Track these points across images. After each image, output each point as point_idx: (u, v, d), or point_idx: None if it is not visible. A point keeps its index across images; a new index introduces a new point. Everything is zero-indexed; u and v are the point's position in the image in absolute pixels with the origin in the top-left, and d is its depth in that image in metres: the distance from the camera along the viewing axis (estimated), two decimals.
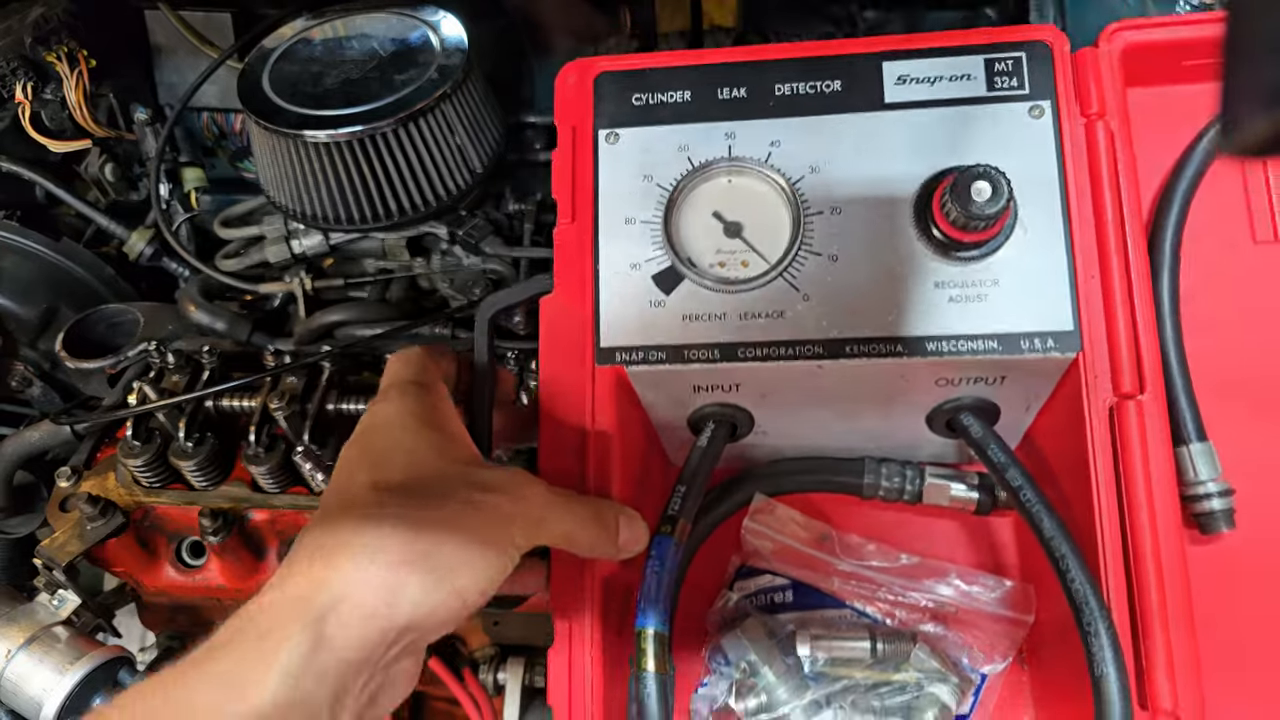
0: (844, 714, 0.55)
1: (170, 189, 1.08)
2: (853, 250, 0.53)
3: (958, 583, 0.58)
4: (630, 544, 0.54)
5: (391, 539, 0.45)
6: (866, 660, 0.56)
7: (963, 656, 0.58)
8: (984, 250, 0.52)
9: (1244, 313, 0.56)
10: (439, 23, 0.94)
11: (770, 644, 0.57)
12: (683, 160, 0.56)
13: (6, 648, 0.85)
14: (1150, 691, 0.47)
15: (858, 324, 0.52)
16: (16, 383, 1.10)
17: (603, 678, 0.53)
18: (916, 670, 0.56)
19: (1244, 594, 0.51)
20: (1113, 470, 0.50)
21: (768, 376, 0.54)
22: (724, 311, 0.54)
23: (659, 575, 0.51)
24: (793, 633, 0.58)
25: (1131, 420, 0.49)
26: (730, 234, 0.55)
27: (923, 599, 0.58)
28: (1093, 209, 0.52)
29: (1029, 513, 0.50)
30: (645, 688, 0.48)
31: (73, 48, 1.06)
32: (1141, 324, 0.51)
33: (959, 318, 0.51)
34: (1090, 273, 0.52)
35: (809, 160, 0.54)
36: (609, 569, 0.56)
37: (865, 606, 0.59)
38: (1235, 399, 0.54)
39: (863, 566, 0.59)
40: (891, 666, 0.56)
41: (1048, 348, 0.50)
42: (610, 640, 0.55)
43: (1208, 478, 0.52)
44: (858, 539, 0.60)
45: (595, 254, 0.57)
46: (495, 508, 0.48)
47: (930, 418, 0.57)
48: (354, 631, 0.44)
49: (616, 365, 0.55)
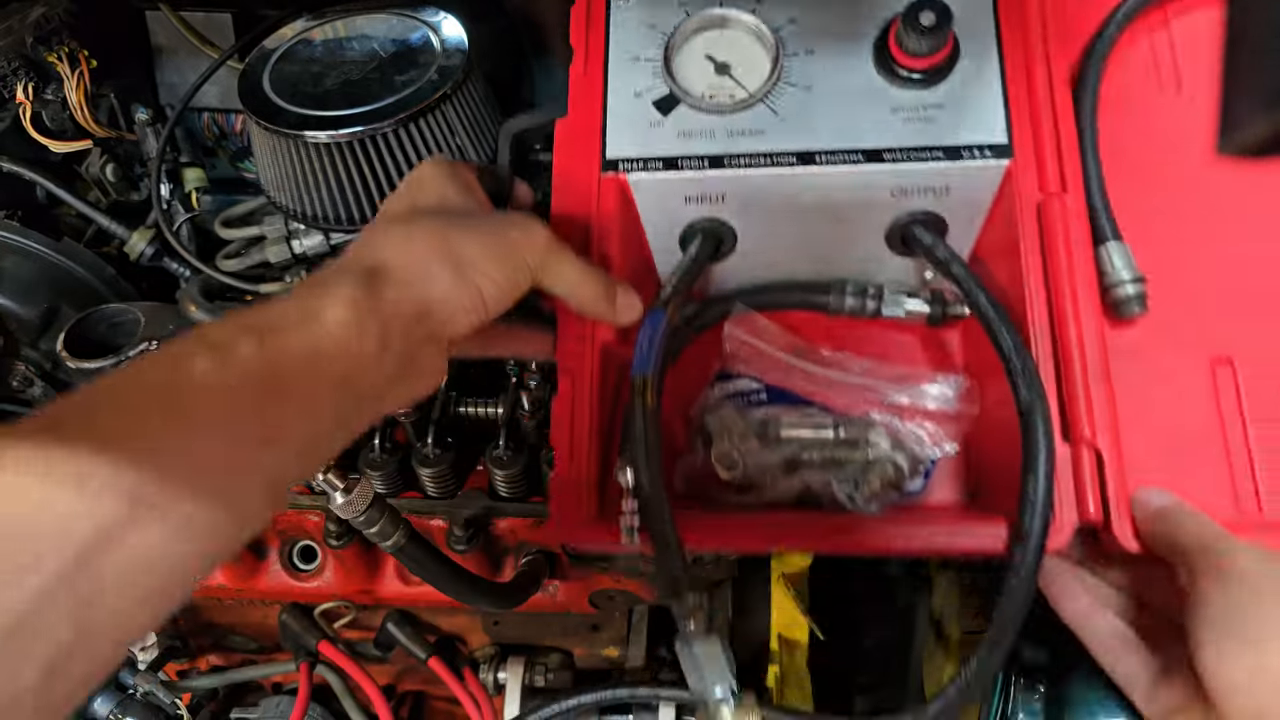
0: (808, 473, 0.64)
1: (171, 189, 1.08)
2: (823, 83, 0.65)
3: (912, 381, 0.67)
4: (626, 310, 0.62)
5: (423, 237, 0.55)
6: (830, 441, 0.66)
7: (914, 444, 0.66)
8: (931, 78, 0.63)
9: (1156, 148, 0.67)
10: (439, 24, 0.94)
11: (745, 423, 0.66)
12: (681, 14, 0.68)
13: None
14: (1072, 425, 0.56)
15: (826, 139, 0.63)
16: (17, 383, 1.10)
17: (598, 425, 0.61)
18: (873, 451, 0.65)
19: (1154, 366, 0.61)
20: (1039, 257, 0.60)
21: (749, 185, 0.64)
22: (712, 130, 0.65)
23: (651, 337, 0.60)
24: (765, 420, 0.67)
25: (1055, 213, 0.60)
26: (720, 72, 0.67)
27: (881, 396, 0.67)
28: (1024, 42, 0.64)
29: (968, 293, 0.60)
30: (639, 422, 0.56)
31: (73, 48, 1.06)
32: (1064, 140, 0.61)
33: (910, 135, 0.62)
34: (1021, 95, 0.63)
35: (789, 14, 0.67)
36: (607, 336, 0.64)
37: (830, 405, 0.69)
38: (1145, 209, 0.65)
39: (828, 369, 0.68)
40: (851, 447, 0.65)
41: (984, 156, 0.61)
42: (605, 400, 0.63)
43: (1122, 268, 0.61)
44: (825, 348, 0.69)
45: (605, 86, 0.67)
46: (509, 233, 0.58)
47: (888, 235, 0.66)
48: (393, 293, 0.52)
49: (620, 174, 0.65)
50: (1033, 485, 0.54)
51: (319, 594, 0.95)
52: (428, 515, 0.91)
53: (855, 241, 0.67)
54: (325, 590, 0.94)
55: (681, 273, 0.65)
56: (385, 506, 0.70)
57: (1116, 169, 0.64)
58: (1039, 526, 0.53)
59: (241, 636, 1.05)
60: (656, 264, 0.72)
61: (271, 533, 0.94)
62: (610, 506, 0.59)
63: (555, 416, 0.61)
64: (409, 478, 0.89)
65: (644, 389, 0.57)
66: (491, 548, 0.93)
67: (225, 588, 0.95)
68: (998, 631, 0.54)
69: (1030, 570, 0.53)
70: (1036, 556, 0.53)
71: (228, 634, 1.05)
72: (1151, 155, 0.66)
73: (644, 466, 0.56)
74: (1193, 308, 0.62)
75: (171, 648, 1.00)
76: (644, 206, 0.67)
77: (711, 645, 0.59)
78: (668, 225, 0.68)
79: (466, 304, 0.55)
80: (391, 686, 1.07)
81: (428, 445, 0.86)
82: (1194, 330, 0.62)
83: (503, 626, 1.01)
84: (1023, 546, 0.53)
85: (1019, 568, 0.53)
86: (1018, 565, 0.53)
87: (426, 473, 0.86)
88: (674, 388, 0.70)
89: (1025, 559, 0.53)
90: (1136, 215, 0.64)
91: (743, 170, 0.63)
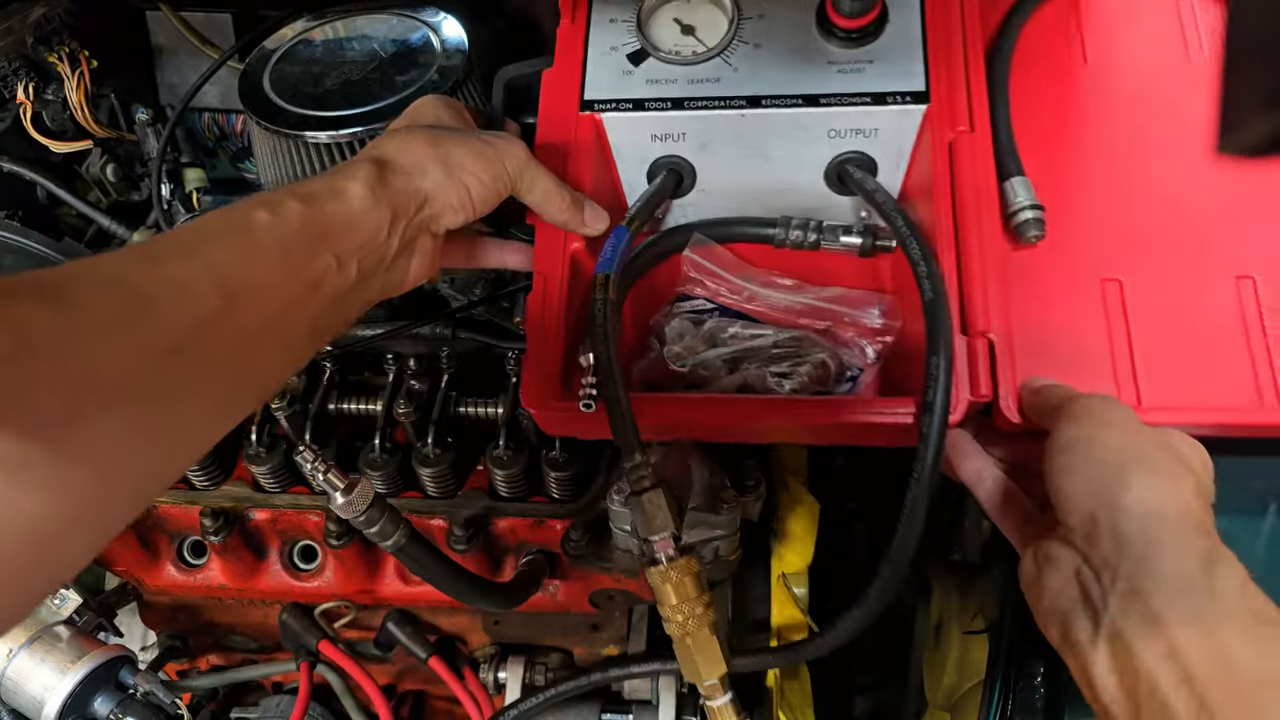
0: (748, 371, 0.73)
1: (172, 189, 1.08)
2: (772, 41, 0.75)
3: (845, 301, 0.76)
4: (594, 221, 0.72)
5: (419, 141, 0.64)
6: (768, 347, 0.75)
7: (843, 351, 0.74)
8: (863, 37, 0.74)
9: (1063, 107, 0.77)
10: (439, 24, 0.95)
11: (696, 330, 0.75)
12: None
13: (8, 647, 0.85)
14: (970, 320, 0.64)
15: (772, 87, 0.74)
16: None
17: (565, 320, 0.70)
18: (805, 354, 0.73)
19: (1050, 284, 0.70)
20: (948, 185, 0.69)
21: (706, 124, 0.74)
22: (675, 78, 0.75)
23: (615, 245, 0.69)
24: (713, 329, 0.75)
25: (964, 148, 0.70)
26: (685, 33, 0.78)
27: (817, 313, 0.76)
28: (944, 9, 0.74)
29: (886, 214, 0.69)
30: (598, 308, 0.65)
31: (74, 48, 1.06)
32: (974, 90, 0.72)
33: (843, 84, 0.73)
34: (940, 53, 0.73)
35: None
36: (578, 245, 0.72)
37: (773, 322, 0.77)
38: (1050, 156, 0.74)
39: (772, 291, 0.77)
40: (787, 350, 0.74)
41: (905, 101, 0.72)
42: (573, 302, 0.71)
43: (1023, 198, 0.70)
44: (771, 272, 0.78)
45: (585, 42, 0.78)
46: (494, 143, 0.67)
47: (827, 174, 0.76)
48: (397, 182, 0.61)
49: (595, 113, 0.75)
50: (935, 364, 0.61)
51: (319, 594, 0.95)
52: (428, 515, 0.91)
53: (800, 180, 0.77)
54: (325, 590, 0.95)
55: (646, 198, 0.74)
56: (385, 506, 0.70)
57: (1027, 123, 0.75)
58: (943, 398, 0.60)
59: (242, 636, 1.05)
60: (626, 198, 0.80)
61: (272, 532, 0.95)
62: (574, 389, 0.67)
63: (529, 309, 0.70)
64: (409, 477, 0.89)
65: (605, 283, 0.66)
66: (492, 547, 0.93)
67: (226, 587, 0.95)
68: (915, 493, 0.60)
69: (938, 436, 0.60)
70: (942, 422, 0.60)
71: (228, 634, 1.05)
72: (1059, 113, 0.77)
73: (601, 344, 0.64)
74: (1088, 237, 0.71)
75: (172, 647, 1.00)
76: (615, 141, 0.77)
77: (656, 497, 0.63)
78: (636, 160, 0.78)
79: (454, 201, 0.64)
80: (392, 686, 1.07)
81: (428, 445, 0.86)
82: (1088, 255, 0.71)
83: (503, 626, 1.01)
84: (929, 416, 0.60)
85: (928, 436, 0.60)
86: (926, 433, 0.60)
87: (427, 472, 0.86)
88: (636, 308, 0.78)
89: (932, 426, 0.60)
90: (1043, 162, 0.73)
91: (700, 111, 0.74)
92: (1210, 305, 0.68)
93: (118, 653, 0.89)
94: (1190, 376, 0.66)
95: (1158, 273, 0.69)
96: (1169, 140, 0.74)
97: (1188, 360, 0.66)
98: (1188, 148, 0.73)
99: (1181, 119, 0.74)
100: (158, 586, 0.96)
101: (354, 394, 0.89)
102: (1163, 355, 0.67)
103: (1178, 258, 0.70)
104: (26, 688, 0.85)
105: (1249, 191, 0.71)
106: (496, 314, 0.95)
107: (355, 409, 0.89)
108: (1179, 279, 0.69)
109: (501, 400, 0.87)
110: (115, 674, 0.88)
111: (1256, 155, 0.34)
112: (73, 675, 0.85)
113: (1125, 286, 0.69)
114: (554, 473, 0.85)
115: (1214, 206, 0.71)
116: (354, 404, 0.89)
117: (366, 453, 0.88)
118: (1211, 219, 0.70)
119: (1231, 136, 0.34)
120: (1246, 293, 0.68)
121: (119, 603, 0.98)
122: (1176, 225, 0.71)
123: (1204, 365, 0.66)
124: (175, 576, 0.96)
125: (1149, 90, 0.77)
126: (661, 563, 0.64)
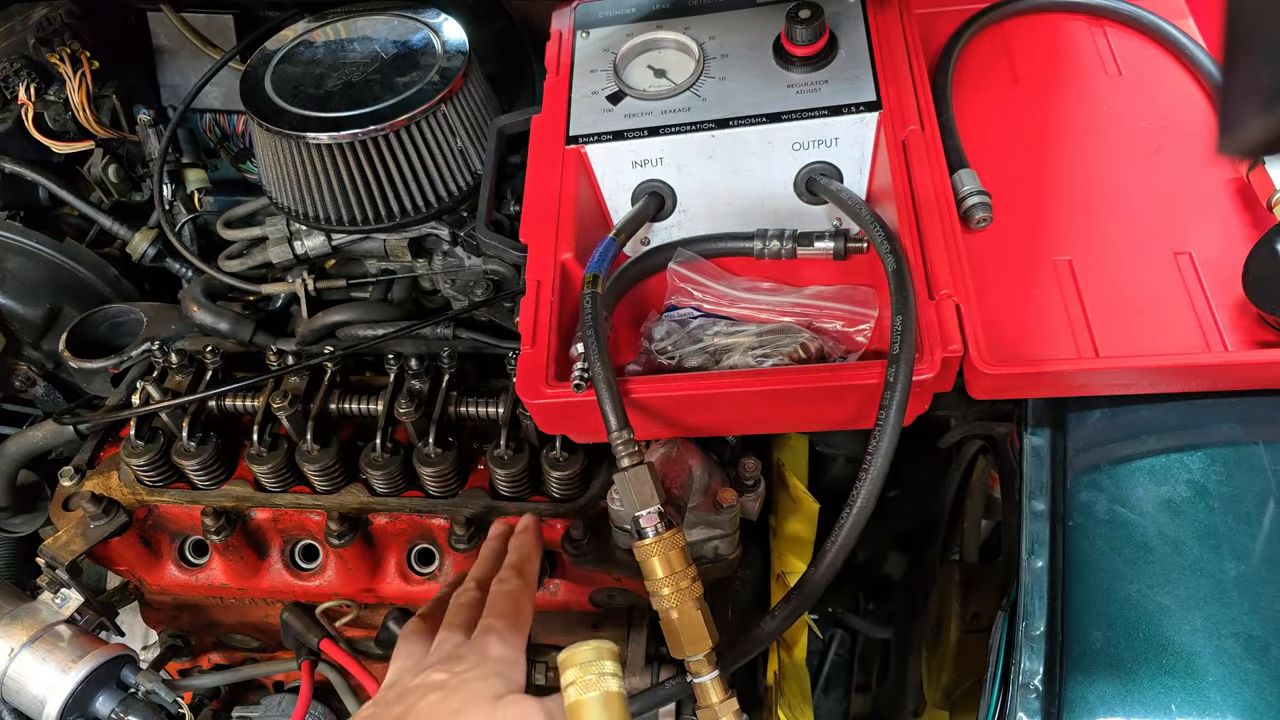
0: (733, 358, 0.76)
1: (173, 190, 1.09)
2: (736, 75, 0.85)
3: (824, 296, 0.80)
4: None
5: None
6: (753, 339, 0.78)
7: (826, 342, 0.77)
8: (817, 62, 0.83)
9: (1001, 120, 0.88)
10: (440, 25, 0.95)
11: (682, 330, 0.79)
12: (629, 40, 0.89)
13: (10, 646, 0.86)
14: (935, 285, 0.71)
15: (737, 109, 0.82)
16: (20, 382, 1.10)
17: (555, 319, 0.75)
18: (789, 342, 0.77)
19: (1004, 262, 0.78)
20: (905, 176, 0.76)
21: (680, 146, 0.82)
22: (651, 110, 0.84)
23: (603, 251, 0.75)
24: (698, 328, 0.79)
25: (916, 143, 0.78)
26: (658, 76, 0.87)
27: (800, 312, 0.79)
28: (888, 32, 0.85)
29: (851, 209, 0.76)
30: (587, 301, 0.71)
31: (75, 49, 1.06)
32: (921, 96, 0.81)
33: (802, 101, 0.81)
34: (887, 68, 0.82)
35: (710, 32, 0.88)
36: (567, 255, 0.78)
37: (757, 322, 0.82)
38: (994, 155, 0.84)
39: (754, 294, 0.81)
40: (771, 340, 0.77)
41: (860, 110, 0.80)
42: (564, 309, 0.76)
43: (970, 187, 0.79)
44: (752, 278, 0.83)
45: (570, 89, 0.87)
46: None
47: (796, 185, 0.82)
48: None
49: (579, 146, 0.83)
50: (899, 321, 0.67)
51: (321, 593, 0.95)
52: (429, 514, 0.91)
53: (773, 194, 0.84)
54: (327, 589, 0.95)
55: (631, 216, 0.81)
56: None
57: (971, 133, 0.85)
58: (908, 350, 0.66)
59: (243, 635, 1.05)
60: (613, 225, 0.84)
61: (273, 532, 0.95)
62: (565, 378, 0.71)
63: (523, 310, 0.76)
64: (411, 477, 0.90)
65: (594, 281, 0.72)
66: None
67: (228, 586, 0.95)
68: (879, 440, 0.64)
69: (903, 384, 0.65)
70: (908, 372, 0.65)
71: (229, 633, 1.05)
72: (1000, 122, 0.87)
73: (589, 329, 0.69)
74: (1036, 225, 0.80)
75: (173, 646, 1.00)
76: (599, 171, 0.84)
77: (642, 473, 0.66)
78: (619, 188, 0.84)
79: None
80: None
81: (429, 444, 0.86)
82: (1038, 240, 0.79)
83: None
84: (895, 367, 0.65)
85: (893, 384, 0.65)
86: (892, 383, 0.65)
87: (428, 472, 0.86)
88: (630, 321, 0.82)
89: (898, 375, 0.65)
90: (990, 165, 0.82)
91: (674, 136, 0.82)
92: (1154, 277, 0.76)
93: (119, 652, 0.89)
94: (1143, 332, 0.73)
95: (1103, 253, 0.78)
96: (1101, 142, 0.84)
97: (1139, 320, 0.74)
98: (1120, 148, 0.83)
99: (1111, 124, 0.86)
100: (159, 586, 0.97)
101: (356, 394, 0.90)
102: (1115, 317, 0.74)
103: (1119, 240, 0.78)
104: (28, 687, 0.85)
105: (1176, 184, 0.81)
106: (497, 315, 0.96)
107: (357, 409, 0.89)
108: (1123, 258, 0.77)
109: (502, 400, 0.87)
110: (117, 673, 0.88)
111: (1255, 155, 0.34)
112: (74, 674, 0.85)
113: (1075, 264, 0.77)
114: (555, 472, 0.85)
115: (1147, 197, 0.80)
116: (356, 404, 0.89)
117: (368, 452, 0.88)
118: (1146, 207, 0.80)
119: (1230, 137, 0.34)
120: (1185, 265, 0.76)
121: (120, 602, 0.98)
122: (1115, 213, 0.80)
123: (1154, 323, 0.73)
124: (177, 576, 0.96)
125: (1079, 102, 0.87)
126: (649, 536, 0.66)
